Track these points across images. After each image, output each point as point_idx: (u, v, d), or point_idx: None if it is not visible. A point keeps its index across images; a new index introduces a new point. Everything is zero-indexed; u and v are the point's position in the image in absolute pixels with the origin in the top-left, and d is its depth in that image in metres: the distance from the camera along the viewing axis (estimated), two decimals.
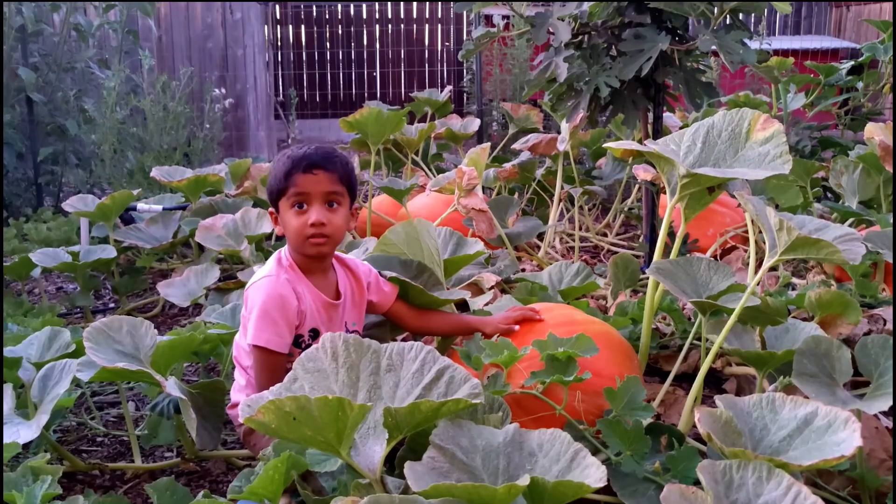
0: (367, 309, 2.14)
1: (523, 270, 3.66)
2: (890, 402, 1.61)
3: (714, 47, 3.11)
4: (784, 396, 1.52)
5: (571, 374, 1.71)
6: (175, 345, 2.13)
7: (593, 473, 1.19)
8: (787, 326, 2.01)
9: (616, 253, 4.61)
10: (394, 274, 2.09)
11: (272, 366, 1.84)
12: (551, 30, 3.36)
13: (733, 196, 3.03)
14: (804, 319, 2.58)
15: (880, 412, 1.74)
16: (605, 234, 4.93)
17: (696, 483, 1.65)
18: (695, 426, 2.25)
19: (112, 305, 3.76)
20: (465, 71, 6.62)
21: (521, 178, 4.29)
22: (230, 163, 4.60)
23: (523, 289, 2.42)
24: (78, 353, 2.26)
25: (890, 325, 2.70)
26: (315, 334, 1.94)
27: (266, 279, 1.91)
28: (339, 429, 1.32)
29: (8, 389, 2.05)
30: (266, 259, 3.21)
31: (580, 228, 4.64)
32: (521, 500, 1.14)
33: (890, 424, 1.94)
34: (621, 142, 2.24)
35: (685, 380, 2.64)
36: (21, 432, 1.85)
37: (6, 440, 1.83)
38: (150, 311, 3.59)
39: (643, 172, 2.41)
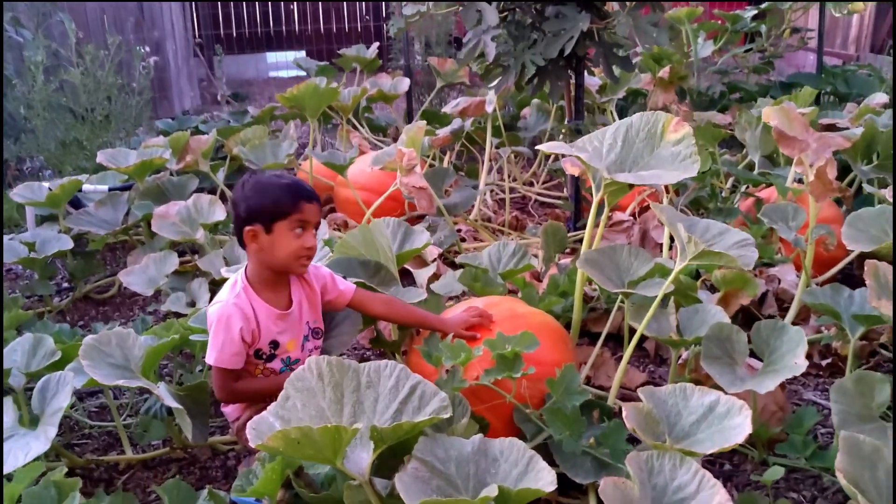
0: (327, 306, 2.36)
1: (463, 240, 3.94)
2: (779, 381, 1.97)
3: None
4: (693, 387, 1.86)
5: (518, 369, 2.01)
6: (159, 350, 2.35)
7: (545, 477, 1.51)
8: (697, 308, 2.35)
9: (543, 203, 4.96)
10: (360, 280, 2.34)
11: (226, 378, 2.10)
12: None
13: None
14: (710, 289, 2.96)
15: None
16: (532, 184, 5.24)
17: (624, 452, 2.01)
18: (622, 387, 2.62)
19: (66, 286, 3.89)
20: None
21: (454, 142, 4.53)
22: (165, 127, 4.67)
23: (468, 274, 2.70)
24: (64, 359, 2.46)
25: (784, 285, 3.11)
26: (275, 345, 2.18)
27: (217, 305, 2.12)
28: (336, 448, 1.60)
29: (9, 403, 2.23)
30: (220, 245, 3.40)
31: (509, 177, 4.93)
32: None
33: None
34: (552, 143, 2.50)
35: (611, 338, 2.99)
36: (32, 445, 2.05)
37: (18, 454, 2.03)
38: (107, 293, 3.74)
39: (571, 166, 2.68)
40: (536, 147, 2.68)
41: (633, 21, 3.22)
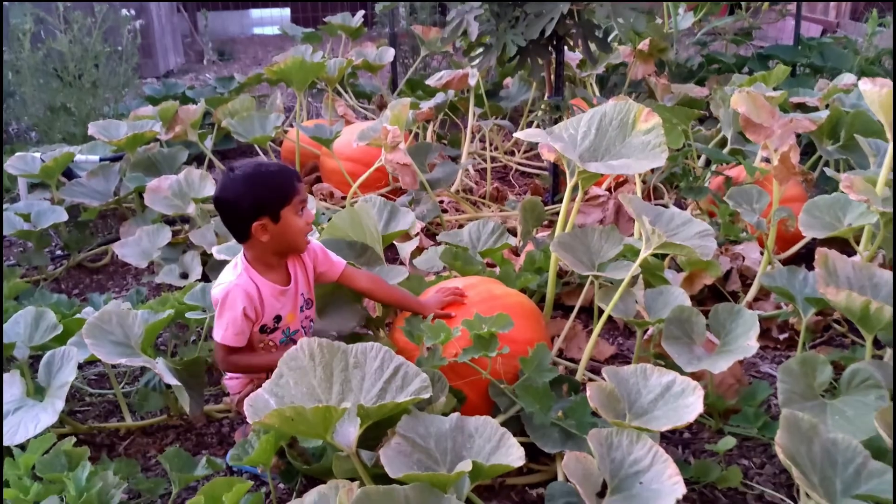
0: (319, 278, 2.50)
1: (445, 211, 4.09)
2: (732, 362, 2.15)
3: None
4: (653, 367, 2.03)
5: (493, 349, 2.17)
6: (157, 326, 2.50)
7: (515, 452, 1.68)
8: (662, 290, 2.52)
9: (524, 173, 5.10)
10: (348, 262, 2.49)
11: (229, 353, 2.23)
12: None
13: None
14: (677, 267, 3.13)
15: None
16: (512, 153, 5.37)
17: (589, 425, 2.19)
18: (592, 359, 2.80)
19: (59, 253, 4.00)
20: None
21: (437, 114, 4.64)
22: (152, 93, 4.71)
23: (448, 253, 2.85)
24: (66, 332, 2.60)
25: (748, 262, 3.29)
26: (278, 319, 2.33)
27: (221, 286, 2.23)
28: (326, 424, 1.76)
29: (16, 375, 2.38)
30: (209, 217, 3.52)
31: (491, 146, 5.06)
32: (466, 478, 1.63)
33: None
34: (529, 131, 2.64)
35: (583, 311, 3.16)
36: (41, 417, 2.20)
37: (28, 425, 2.18)
38: (101, 261, 3.86)
39: (547, 152, 2.82)
40: (515, 134, 2.81)
41: (611, 6, 3.33)
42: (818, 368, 2.09)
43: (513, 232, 3.71)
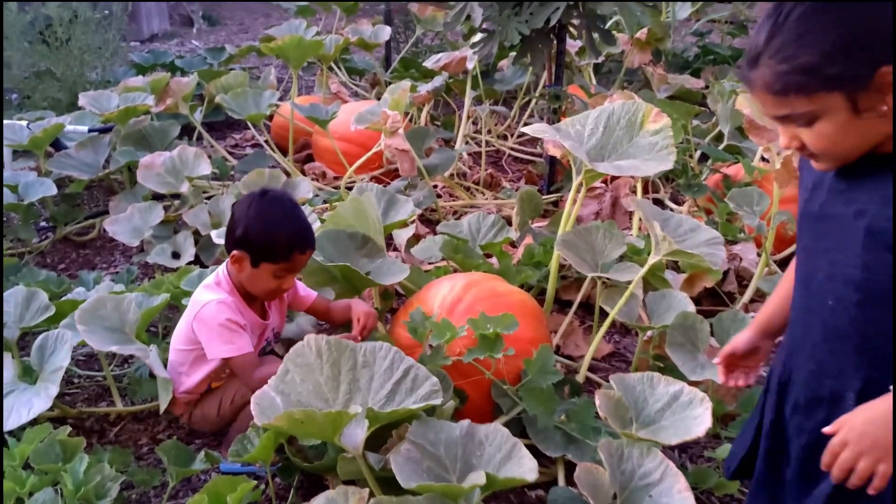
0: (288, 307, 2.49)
1: (439, 196, 4.05)
2: None
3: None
4: (660, 376, 2.03)
5: (499, 350, 2.15)
6: (152, 312, 2.45)
7: (527, 464, 1.67)
8: (664, 293, 2.51)
9: (517, 158, 5.06)
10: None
11: (250, 362, 2.17)
12: None
13: None
14: (676, 268, 3.12)
15: None
16: (506, 137, 5.33)
17: (592, 429, 2.19)
18: (594, 358, 2.80)
19: (44, 224, 3.90)
20: None
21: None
22: (140, 60, 4.59)
23: (449, 245, 2.82)
24: (58, 314, 2.54)
25: (745, 263, 3.29)
26: None
27: (216, 303, 2.18)
28: (336, 428, 1.73)
29: (8, 358, 2.32)
30: (202, 194, 3.45)
31: (485, 130, 5.01)
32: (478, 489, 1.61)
33: None
34: (535, 126, 2.60)
35: (580, 306, 3.15)
36: (34, 402, 2.15)
37: (21, 410, 2.13)
38: (88, 235, 3.78)
39: (553, 147, 2.79)
40: (522, 129, 2.77)
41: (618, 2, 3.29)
42: None
43: (508, 220, 3.68)
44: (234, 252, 2.16)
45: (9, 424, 2.11)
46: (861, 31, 1.16)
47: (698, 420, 1.88)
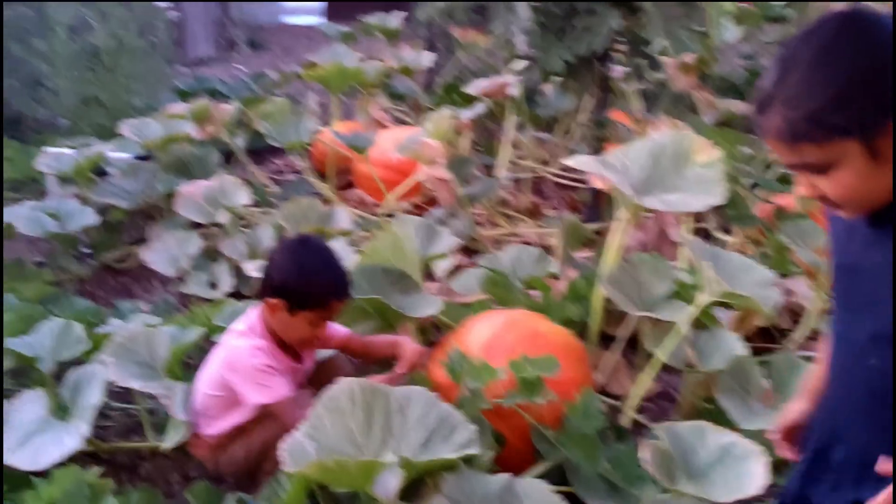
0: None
1: (479, 223, 3.97)
2: None
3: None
4: (711, 426, 1.92)
5: (540, 394, 2.06)
6: (185, 347, 2.41)
7: None
8: (714, 333, 2.40)
9: (559, 184, 4.97)
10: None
11: (292, 408, 2.07)
12: None
13: None
14: (726, 304, 3.00)
15: None
16: (545, 162, 5.24)
17: (637, 478, 2.08)
18: (642, 399, 2.68)
19: (85, 250, 3.92)
20: None
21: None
22: (184, 87, 4.61)
23: (489, 281, 2.74)
24: (95, 348, 2.52)
25: (797, 298, 3.15)
26: None
27: (250, 347, 2.12)
28: (368, 476, 1.67)
29: (42, 392, 2.30)
30: (239, 223, 3.42)
31: (527, 157, 4.93)
32: None
33: None
34: (581, 159, 2.52)
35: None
36: (66, 441, 2.13)
37: (52, 449, 2.10)
38: (125, 262, 3.78)
39: (599, 180, 2.70)
40: (566, 161, 2.69)
41: (667, 29, 3.20)
42: None
43: (549, 249, 3.59)
44: (270, 299, 2.11)
45: (40, 463, 2.09)
46: (872, 76, 1.07)
47: (754, 478, 1.77)
